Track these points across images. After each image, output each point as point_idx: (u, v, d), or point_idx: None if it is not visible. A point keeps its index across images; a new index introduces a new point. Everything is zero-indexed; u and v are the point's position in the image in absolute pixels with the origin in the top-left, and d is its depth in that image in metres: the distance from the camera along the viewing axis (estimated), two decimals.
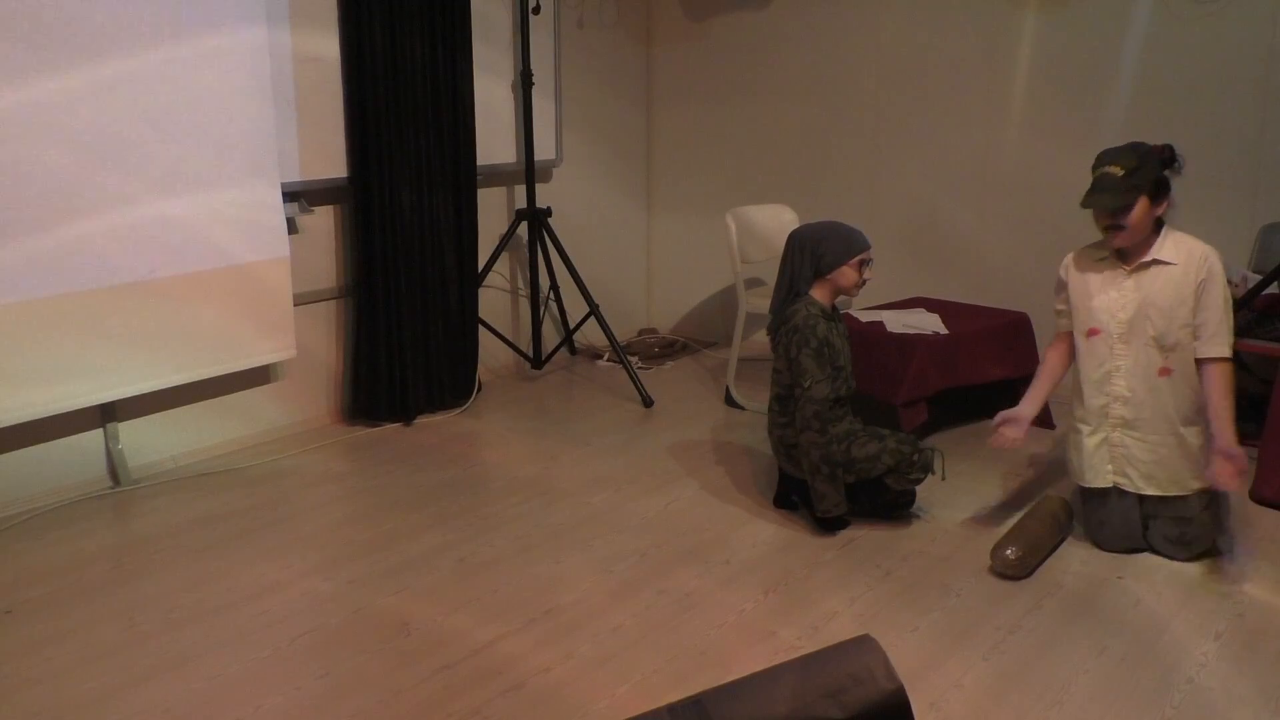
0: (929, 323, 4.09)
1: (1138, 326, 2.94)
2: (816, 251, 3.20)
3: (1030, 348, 4.18)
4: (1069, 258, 3.12)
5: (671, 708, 1.45)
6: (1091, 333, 3.02)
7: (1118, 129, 4.27)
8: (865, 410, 3.66)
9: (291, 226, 3.98)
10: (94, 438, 3.60)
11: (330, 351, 4.28)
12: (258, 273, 3.78)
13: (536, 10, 4.60)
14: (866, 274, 3.23)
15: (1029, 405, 3.11)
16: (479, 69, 4.42)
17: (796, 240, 3.26)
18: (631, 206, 5.69)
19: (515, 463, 3.87)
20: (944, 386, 3.92)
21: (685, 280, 5.71)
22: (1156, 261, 2.92)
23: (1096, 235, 3.01)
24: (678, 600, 2.82)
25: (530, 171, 4.70)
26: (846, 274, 3.20)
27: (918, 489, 3.33)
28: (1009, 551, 2.93)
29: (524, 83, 4.64)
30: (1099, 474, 3.06)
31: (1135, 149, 2.86)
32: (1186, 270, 2.90)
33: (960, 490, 3.54)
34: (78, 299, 3.31)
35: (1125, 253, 2.97)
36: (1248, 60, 3.97)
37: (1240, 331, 3.67)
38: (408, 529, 3.28)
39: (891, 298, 4.68)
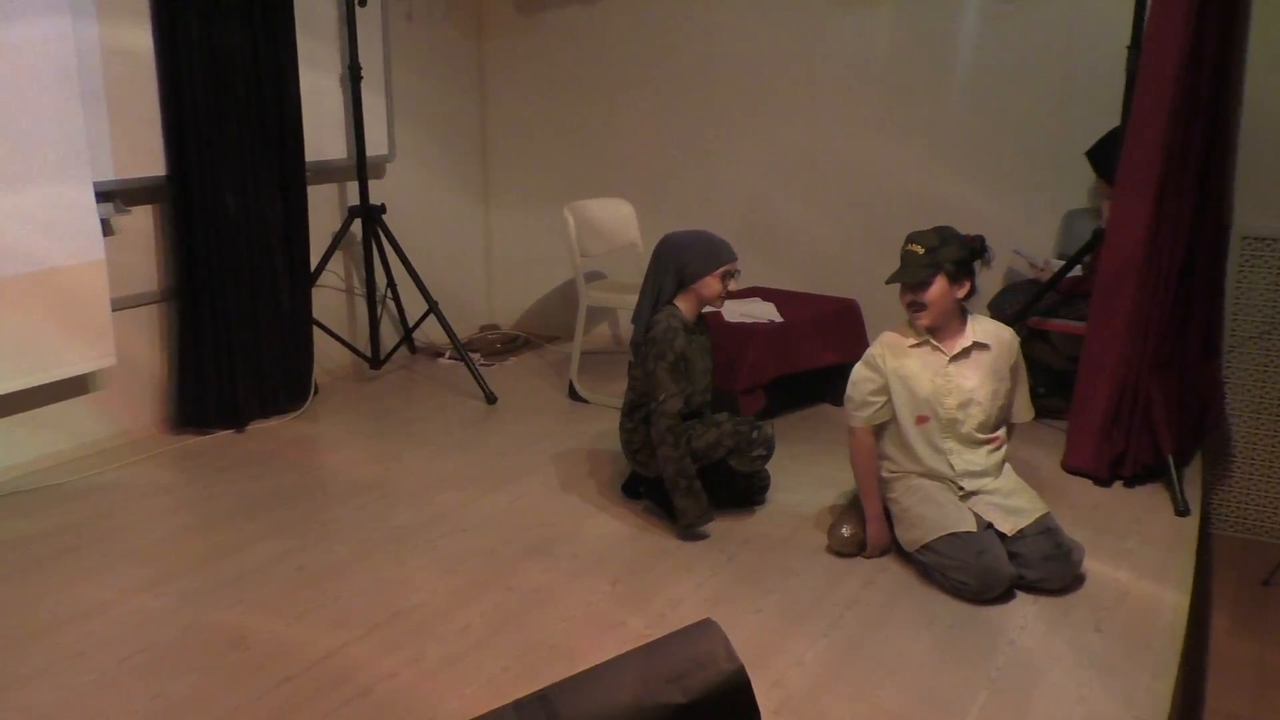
0: (765, 311, 4.20)
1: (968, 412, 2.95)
2: (680, 261, 3.17)
3: (859, 333, 4.35)
4: (882, 347, 3.02)
5: (518, 704, 1.45)
6: (921, 420, 2.98)
7: (930, 121, 4.48)
8: (711, 399, 3.72)
9: (107, 228, 3.78)
10: None
11: (154, 358, 4.08)
12: (71, 277, 3.56)
13: (363, 3, 4.49)
14: (731, 285, 3.22)
15: (878, 524, 3.04)
16: (304, 62, 4.28)
17: (663, 248, 3.23)
18: (468, 201, 5.63)
19: (355, 465, 3.78)
20: (780, 373, 4.03)
21: (526, 275, 5.69)
22: (977, 345, 2.95)
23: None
24: (525, 596, 2.82)
25: (362, 167, 4.60)
26: (710, 285, 3.18)
27: (772, 474, 3.40)
28: (844, 530, 3.04)
29: (352, 76, 4.53)
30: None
31: (939, 230, 2.91)
32: (999, 353, 2.97)
33: (798, 474, 3.65)
34: None
35: (939, 335, 2.96)
36: (1049, 55, 4.22)
37: (1047, 312, 3.92)
38: (243, 539, 3.17)
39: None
